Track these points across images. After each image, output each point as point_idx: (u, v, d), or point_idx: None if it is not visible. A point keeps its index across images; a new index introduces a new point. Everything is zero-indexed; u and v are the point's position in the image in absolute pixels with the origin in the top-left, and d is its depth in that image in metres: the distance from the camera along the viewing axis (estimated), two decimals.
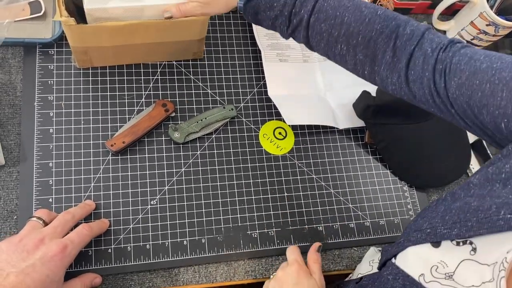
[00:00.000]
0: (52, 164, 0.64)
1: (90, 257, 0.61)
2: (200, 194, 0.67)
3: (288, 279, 0.57)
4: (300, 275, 0.58)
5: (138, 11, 0.60)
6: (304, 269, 0.59)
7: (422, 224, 0.45)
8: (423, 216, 0.47)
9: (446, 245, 0.42)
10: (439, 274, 0.41)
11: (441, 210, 0.45)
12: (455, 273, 0.40)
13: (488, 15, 0.76)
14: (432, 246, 0.43)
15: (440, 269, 0.41)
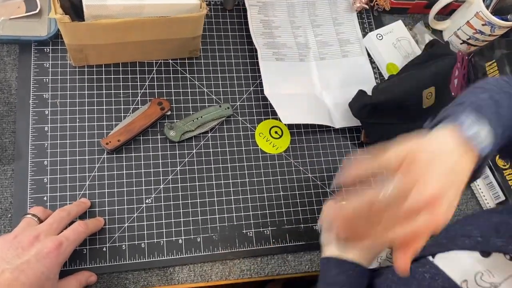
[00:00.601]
0: (47, 162, 0.64)
1: (84, 256, 0.61)
2: (195, 193, 0.67)
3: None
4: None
5: (138, 9, 0.60)
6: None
7: (471, 231, 0.44)
8: (472, 223, 0.46)
9: (496, 257, 0.41)
10: (484, 283, 0.40)
11: (495, 221, 0.44)
12: (500, 285, 0.39)
13: (484, 15, 0.76)
14: (481, 254, 0.42)
15: (485, 277, 0.40)
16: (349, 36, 0.82)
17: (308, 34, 0.80)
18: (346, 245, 0.50)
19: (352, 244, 0.49)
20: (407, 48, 0.81)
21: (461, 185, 0.38)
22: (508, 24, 0.76)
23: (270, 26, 0.78)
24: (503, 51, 0.79)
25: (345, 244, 0.50)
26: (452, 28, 0.85)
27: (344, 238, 0.44)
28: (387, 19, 0.87)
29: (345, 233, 0.42)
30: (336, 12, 0.83)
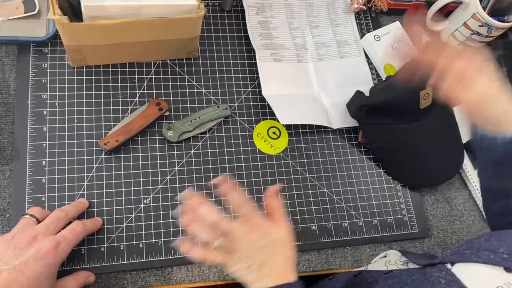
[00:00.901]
0: (45, 163, 0.64)
1: (83, 256, 0.61)
2: None
3: (248, 243, 0.50)
4: (263, 232, 0.51)
5: (136, 10, 0.60)
6: (264, 223, 0.52)
7: (497, 247, 0.44)
8: (499, 239, 0.46)
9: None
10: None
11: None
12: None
13: (481, 16, 0.76)
14: (505, 270, 0.42)
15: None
16: (347, 37, 0.82)
17: (306, 35, 0.81)
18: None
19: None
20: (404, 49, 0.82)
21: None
22: (505, 25, 0.77)
23: (268, 27, 0.78)
24: (500, 52, 0.80)
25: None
26: (449, 29, 0.85)
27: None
28: (385, 20, 0.87)
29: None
30: (334, 13, 0.84)
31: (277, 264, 0.50)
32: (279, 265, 0.50)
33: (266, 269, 0.49)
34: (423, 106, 0.71)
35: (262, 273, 0.49)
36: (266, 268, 0.49)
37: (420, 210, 0.74)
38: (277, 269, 0.50)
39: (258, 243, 0.50)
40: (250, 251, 0.50)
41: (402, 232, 0.72)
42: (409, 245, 0.72)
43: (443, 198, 0.77)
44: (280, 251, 0.51)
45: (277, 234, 0.52)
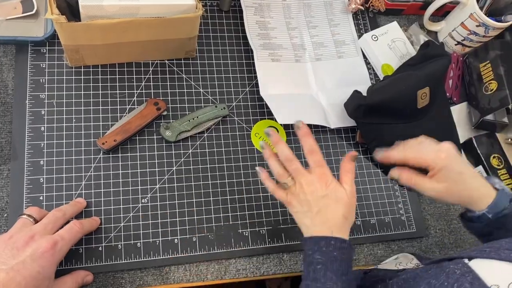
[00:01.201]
0: (43, 162, 0.64)
1: (80, 255, 0.61)
2: (191, 193, 0.67)
3: (312, 189, 0.53)
4: (326, 183, 0.54)
5: (134, 10, 0.60)
6: (330, 175, 0.55)
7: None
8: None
9: None
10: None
11: None
12: None
13: (478, 16, 0.77)
14: None
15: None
16: (345, 37, 0.83)
17: (304, 35, 0.81)
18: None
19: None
20: (402, 49, 0.82)
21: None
22: (502, 25, 0.77)
23: (266, 27, 0.79)
24: (497, 52, 0.80)
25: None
26: (446, 29, 0.85)
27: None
28: (382, 20, 0.87)
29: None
30: (332, 13, 0.84)
31: (335, 218, 0.53)
32: (336, 219, 0.53)
33: (323, 218, 0.53)
34: (421, 105, 0.71)
35: (319, 221, 0.53)
36: (323, 218, 0.53)
37: (417, 210, 0.74)
38: (334, 223, 0.52)
39: (321, 191, 0.53)
40: (313, 197, 0.53)
41: (399, 232, 0.72)
42: (407, 245, 0.73)
43: None
44: (340, 208, 0.53)
45: (341, 192, 0.54)
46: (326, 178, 0.54)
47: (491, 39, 0.82)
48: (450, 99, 0.82)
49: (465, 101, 0.83)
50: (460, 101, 0.83)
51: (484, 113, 0.77)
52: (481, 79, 0.80)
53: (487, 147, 0.78)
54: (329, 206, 0.53)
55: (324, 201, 0.53)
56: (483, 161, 0.76)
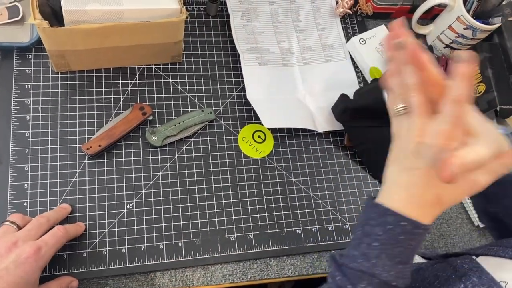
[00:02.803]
0: (27, 168, 0.63)
1: (64, 261, 0.60)
2: (177, 198, 0.67)
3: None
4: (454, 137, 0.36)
5: (117, 14, 0.60)
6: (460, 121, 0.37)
7: None
8: None
9: None
10: None
11: None
12: None
13: (465, 19, 0.77)
14: None
15: None
16: (333, 41, 0.83)
17: (291, 39, 0.81)
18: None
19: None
20: None
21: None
22: (489, 27, 0.77)
23: (253, 31, 0.79)
24: (485, 54, 0.80)
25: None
26: (435, 33, 0.85)
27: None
28: (371, 23, 0.87)
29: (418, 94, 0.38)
30: (320, 17, 0.84)
31: (425, 195, 0.41)
32: (427, 197, 0.40)
33: (414, 191, 0.41)
34: None
35: (404, 186, 0.41)
36: (414, 190, 0.41)
37: None
38: (422, 200, 0.41)
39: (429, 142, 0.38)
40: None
41: None
42: None
43: None
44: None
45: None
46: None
47: (479, 41, 0.82)
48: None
49: None
50: None
51: None
52: None
53: None
54: (423, 180, 0.40)
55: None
56: None
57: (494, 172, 0.37)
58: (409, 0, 0.85)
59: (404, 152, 0.42)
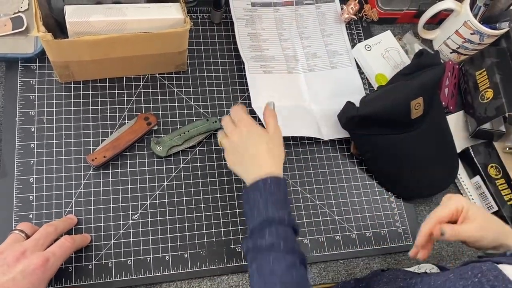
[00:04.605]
0: (33, 180, 0.63)
1: (70, 274, 0.60)
2: (182, 208, 0.66)
3: (241, 142, 0.59)
4: (253, 133, 0.59)
5: (121, 25, 0.60)
6: (254, 125, 0.60)
7: None
8: None
9: None
10: None
11: None
12: None
13: (472, 24, 0.76)
14: None
15: None
16: (338, 48, 0.82)
17: (296, 46, 0.80)
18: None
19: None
20: (396, 58, 0.81)
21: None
22: (496, 32, 0.76)
23: (257, 39, 0.78)
24: (493, 60, 0.79)
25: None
26: (441, 38, 0.84)
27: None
28: (376, 29, 0.86)
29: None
30: (325, 24, 0.83)
31: (264, 158, 0.57)
32: (265, 159, 0.57)
33: (254, 161, 0.57)
34: (415, 116, 0.70)
35: (251, 166, 0.57)
36: (254, 161, 0.57)
37: (414, 222, 0.73)
38: (262, 158, 0.57)
39: (245, 134, 0.58)
40: (240, 142, 0.58)
41: (396, 245, 0.71)
42: (404, 258, 0.71)
43: None
44: (264, 143, 0.58)
45: (262, 132, 0.59)
46: (248, 124, 0.60)
47: (486, 46, 0.81)
48: (446, 108, 0.81)
49: (462, 110, 0.82)
50: (456, 109, 0.82)
51: (481, 122, 0.76)
52: (477, 87, 0.79)
53: (485, 156, 0.76)
54: (253, 145, 0.58)
55: (252, 142, 0.58)
56: (481, 171, 0.75)
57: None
58: (415, 5, 0.84)
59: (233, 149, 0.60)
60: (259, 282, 0.50)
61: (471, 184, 0.77)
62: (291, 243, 0.52)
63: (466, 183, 0.77)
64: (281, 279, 0.48)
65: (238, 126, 0.60)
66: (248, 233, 0.54)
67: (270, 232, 0.51)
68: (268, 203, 0.53)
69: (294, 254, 0.51)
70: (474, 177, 0.76)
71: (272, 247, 0.50)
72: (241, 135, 0.59)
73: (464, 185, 0.76)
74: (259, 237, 0.52)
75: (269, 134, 0.59)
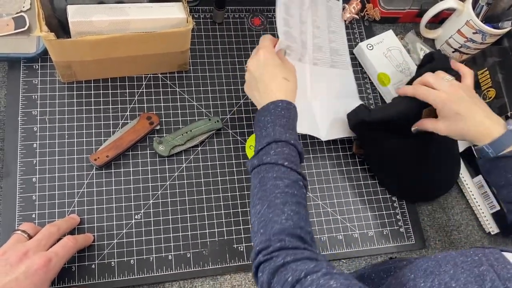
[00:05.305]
0: (35, 179, 0.63)
1: (73, 273, 0.60)
2: (185, 208, 0.66)
3: (258, 69, 0.61)
4: (269, 61, 0.61)
5: (123, 25, 0.60)
6: (272, 55, 0.62)
7: None
8: None
9: None
10: None
11: None
12: None
13: (475, 23, 0.76)
14: None
15: None
16: (339, 47, 0.82)
17: (308, 33, 0.77)
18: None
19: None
20: (398, 58, 0.81)
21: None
22: (498, 32, 0.76)
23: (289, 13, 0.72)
24: (495, 59, 0.78)
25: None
26: (443, 37, 0.84)
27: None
28: (378, 28, 0.86)
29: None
30: (331, 19, 0.81)
31: (277, 86, 0.59)
32: (279, 87, 0.59)
33: (267, 89, 0.59)
34: None
35: (264, 93, 0.59)
36: (267, 89, 0.59)
37: (416, 221, 0.73)
38: (277, 91, 0.59)
39: (262, 61, 0.61)
40: (256, 68, 0.61)
41: (398, 244, 0.71)
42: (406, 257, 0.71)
43: (440, 208, 0.76)
44: (281, 75, 0.60)
45: (279, 63, 0.61)
46: (265, 52, 0.61)
47: (488, 45, 0.81)
48: None
49: None
50: None
51: None
52: (479, 87, 0.79)
53: None
54: (269, 72, 0.60)
55: (264, 68, 0.60)
56: None
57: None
58: (417, 4, 0.84)
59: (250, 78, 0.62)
60: (260, 192, 0.52)
61: (473, 183, 0.76)
62: (295, 163, 0.54)
63: (468, 182, 0.77)
64: (283, 190, 0.51)
65: (257, 54, 0.61)
66: (255, 153, 0.56)
67: (275, 151, 0.53)
68: (276, 126, 0.55)
69: (297, 173, 0.53)
70: (476, 176, 0.76)
71: (277, 163, 0.53)
72: (258, 62, 0.61)
73: (466, 185, 0.76)
74: (264, 155, 0.54)
75: (285, 67, 0.61)
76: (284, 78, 0.60)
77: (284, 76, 0.60)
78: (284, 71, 0.61)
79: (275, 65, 0.61)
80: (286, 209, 0.50)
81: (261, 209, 0.51)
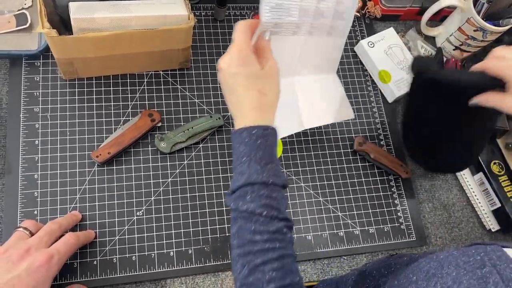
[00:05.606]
0: (37, 176, 0.63)
1: (75, 270, 0.60)
2: (187, 205, 0.66)
3: (227, 81, 0.51)
4: (241, 70, 0.49)
5: (125, 22, 0.60)
6: (245, 56, 0.49)
7: None
8: None
9: None
10: None
11: None
12: None
13: (476, 21, 0.76)
14: None
15: None
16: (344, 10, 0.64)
17: None
18: None
19: None
20: (399, 55, 0.81)
21: None
22: (499, 29, 0.76)
23: None
24: None
25: None
26: (444, 34, 0.84)
27: None
28: (379, 26, 0.86)
29: None
30: None
31: (251, 103, 0.50)
32: (253, 104, 0.50)
33: (240, 107, 0.50)
34: None
35: (237, 111, 0.51)
36: (240, 107, 0.50)
37: (417, 218, 0.73)
38: (250, 109, 0.49)
39: (234, 70, 0.49)
40: (226, 80, 0.50)
41: (399, 241, 0.71)
42: None
43: (441, 205, 0.76)
44: (256, 88, 0.50)
45: (253, 70, 0.50)
46: (239, 54, 0.49)
47: (489, 43, 0.81)
48: None
49: None
50: None
51: None
52: None
53: (488, 153, 0.76)
54: (240, 85, 0.49)
55: (235, 79, 0.49)
56: (484, 167, 0.75)
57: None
58: (418, 2, 0.84)
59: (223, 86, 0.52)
60: (239, 249, 0.47)
61: (474, 180, 0.77)
62: (275, 207, 0.47)
63: (469, 179, 0.77)
64: (262, 247, 0.45)
65: (229, 53, 0.50)
66: (232, 182, 0.49)
67: (251, 196, 0.46)
68: (251, 161, 0.47)
69: (278, 220, 0.47)
70: (477, 173, 0.76)
71: (254, 213, 0.46)
72: (231, 63, 0.49)
73: (467, 182, 0.77)
74: (240, 198, 0.47)
75: (262, 71, 0.50)
76: (259, 92, 0.50)
77: (260, 87, 0.50)
78: (261, 80, 0.50)
79: (249, 73, 0.49)
80: (267, 269, 0.45)
81: (242, 270, 0.46)
